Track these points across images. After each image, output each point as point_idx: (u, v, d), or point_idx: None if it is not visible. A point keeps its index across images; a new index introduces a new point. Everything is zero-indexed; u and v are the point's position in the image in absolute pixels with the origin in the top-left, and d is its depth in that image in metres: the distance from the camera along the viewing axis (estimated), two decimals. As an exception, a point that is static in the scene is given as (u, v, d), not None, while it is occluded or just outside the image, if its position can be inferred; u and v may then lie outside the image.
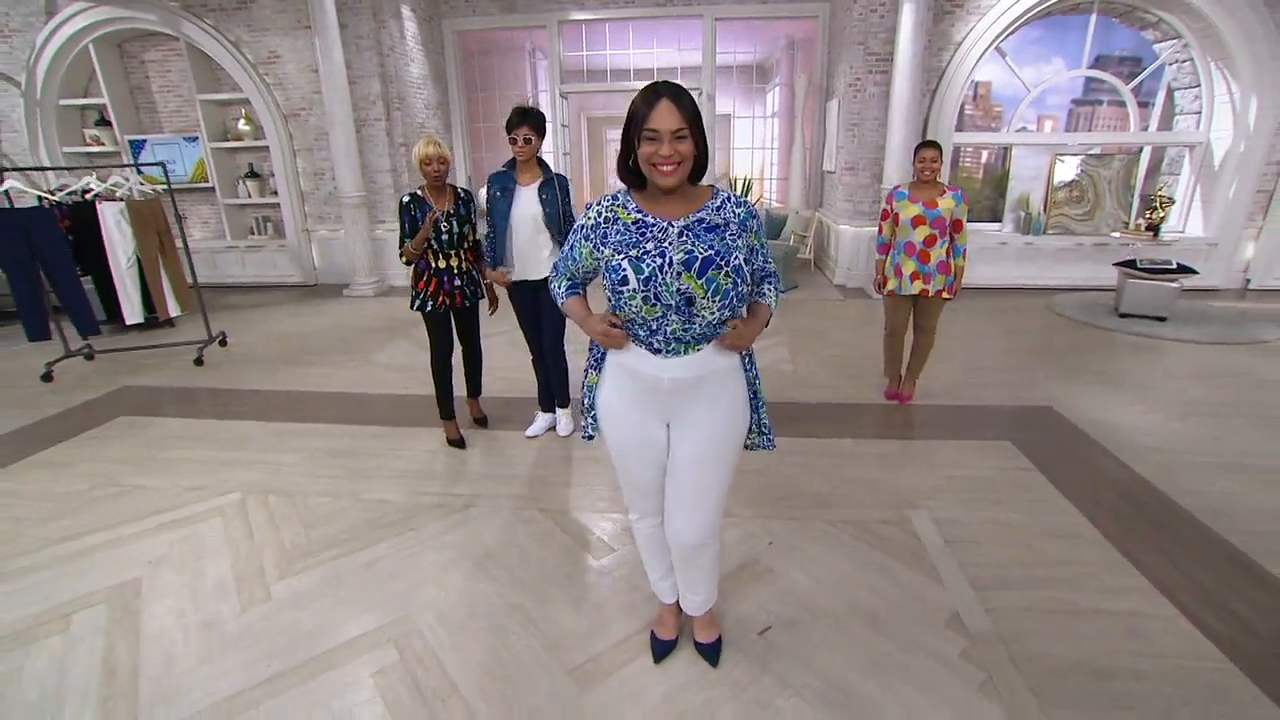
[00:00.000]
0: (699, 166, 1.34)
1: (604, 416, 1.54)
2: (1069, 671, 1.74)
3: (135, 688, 1.78)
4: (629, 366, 1.45)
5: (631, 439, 1.51)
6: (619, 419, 1.51)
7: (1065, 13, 6.04)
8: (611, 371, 1.50)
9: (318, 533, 2.50)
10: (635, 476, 1.58)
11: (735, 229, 1.36)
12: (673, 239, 1.34)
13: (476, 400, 3.43)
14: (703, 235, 1.34)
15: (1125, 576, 2.13)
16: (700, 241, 1.33)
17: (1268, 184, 5.94)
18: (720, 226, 1.35)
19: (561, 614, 2.01)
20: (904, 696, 1.67)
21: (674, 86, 1.28)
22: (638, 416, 1.49)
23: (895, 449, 3.07)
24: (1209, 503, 2.54)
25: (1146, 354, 4.43)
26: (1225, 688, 1.68)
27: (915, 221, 3.31)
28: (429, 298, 2.95)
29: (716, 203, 1.38)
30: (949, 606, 1.99)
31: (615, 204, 1.41)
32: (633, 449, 1.53)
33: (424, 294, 2.95)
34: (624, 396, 1.49)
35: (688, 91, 1.29)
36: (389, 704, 1.70)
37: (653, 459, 1.53)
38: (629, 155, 1.34)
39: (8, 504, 2.74)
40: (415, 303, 2.98)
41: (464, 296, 3.01)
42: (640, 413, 1.48)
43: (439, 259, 2.90)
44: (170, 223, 4.58)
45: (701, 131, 1.30)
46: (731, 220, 1.37)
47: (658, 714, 1.64)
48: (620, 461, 1.58)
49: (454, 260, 2.93)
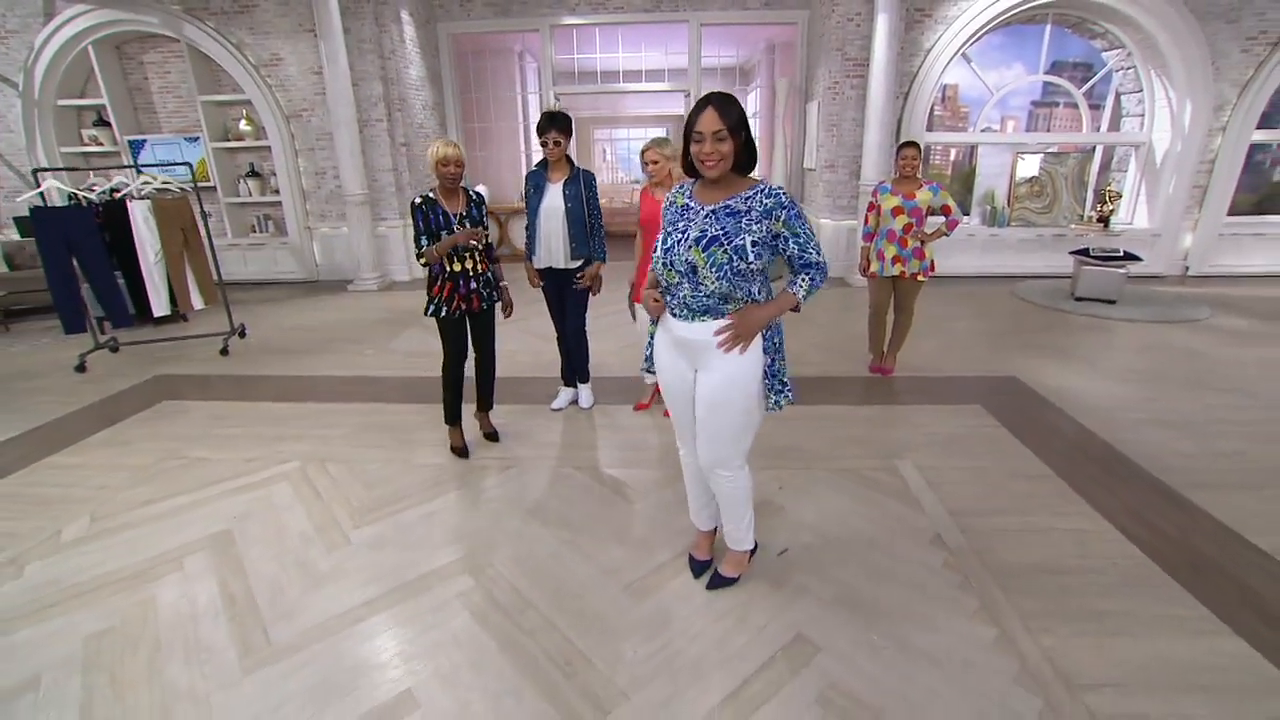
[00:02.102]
0: (744, 162, 1.69)
1: (655, 359, 1.96)
2: (1029, 571, 2.17)
3: (256, 609, 2.09)
4: (666, 325, 1.86)
5: (670, 379, 1.92)
6: (661, 363, 1.93)
7: (1023, 22, 6.57)
8: (660, 328, 1.92)
9: (378, 491, 2.81)
10: (676, 411, 1.98)
11: (755, 215, 1.67)
12: (698, 220, 1.71)
13: (487, 415, 3.26)
14: (722, 219, 1.68)
15: (1073, 504, 2.58)
16: (716, 223, 1.68)
17: (1201, 180, 6.56)
18: (740, 213, 1.68)
19: (609, 546, 2.38)
20: (901, 595, 2.08)
21: (721, 96, 1.63)
22: (672, 362, 1.89)
23: (880, 413, 3.50)
24: (1141, 448, 3.02)
25: (1098, 332, 4.96)
26: (1146, 578, 2.14)
27: (895, 211, 3.75)
28: (444, 303, 2.86)
29: (749, 193, 1.70)
30: (931, 530, 2.41)
31: (680, 192, 1.81)
32: (671, 387, 1.93)
33: (438, 300, 2.86)
34: (664, 347, 1.90)
35: (734, 100, 1.64)
36: (476, 615, 2.04)
37: (685, 395, 1.91)
38: (687, 153, 1.71)
39: (87, 475, 3.00)
40: (430, 309, 2.88)
41: (480, 299, 2.93)
42: (674, 359, 1.89)
43: (454, 262, 2.83)
44: (196, 219, 4.79)
45: (746, 133, 1.65)
46: (755, 208, 1.68)
47: (700, 615, 2.02)
48: (666, 397, 1.98)
49: (469, 263, 2.85)
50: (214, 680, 1.80)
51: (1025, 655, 1.81)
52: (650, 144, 3.07)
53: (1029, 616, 1.96)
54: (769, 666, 1.79)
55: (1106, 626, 1.93)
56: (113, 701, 1.74)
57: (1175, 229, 6.68)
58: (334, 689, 1.76)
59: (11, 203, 7.43)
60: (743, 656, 1.83)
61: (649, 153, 3.06)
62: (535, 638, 1.93)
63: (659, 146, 3.05)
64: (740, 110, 1.64)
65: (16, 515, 2.67)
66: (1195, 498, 2.59)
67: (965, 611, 2.00)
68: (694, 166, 1.70)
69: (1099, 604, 2.02)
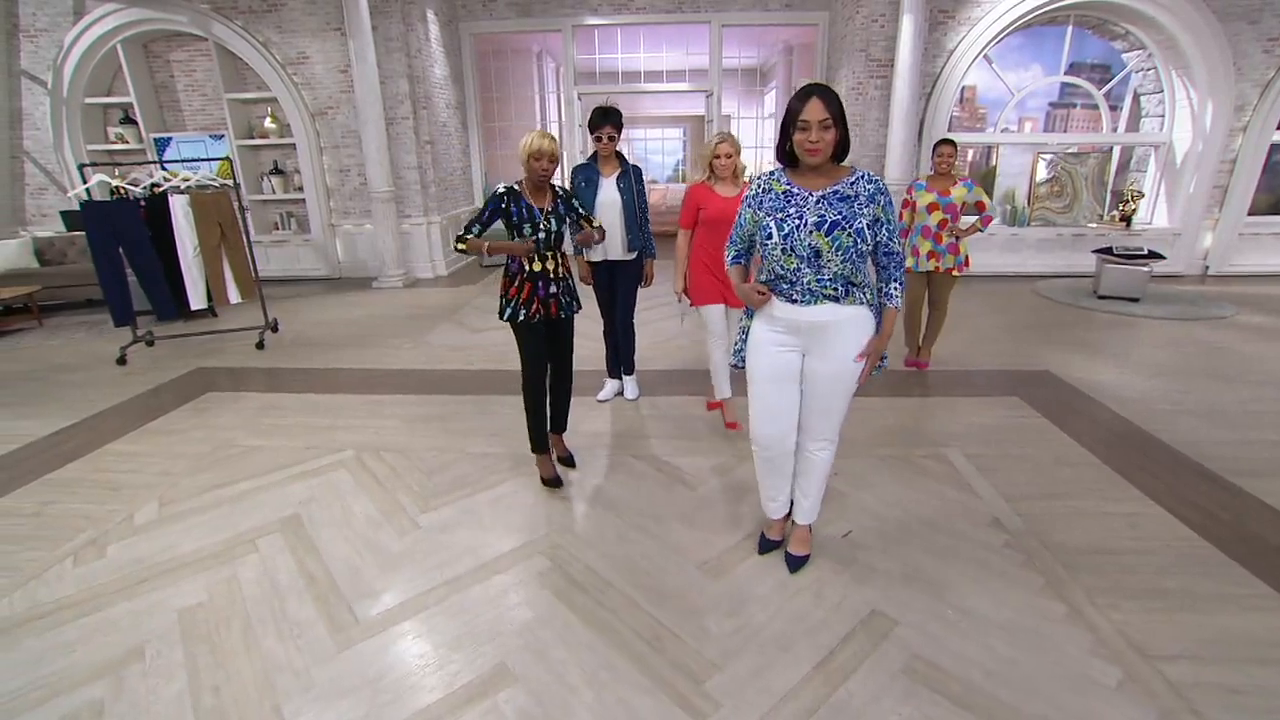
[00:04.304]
0: (841, 150, 1.77)
1: (751, 350, 1.99)
2: (1087, 552, 2.23)
3: (337, 588, 2.15)
4: (776, 314, 1.90)
5: (775, 365, 1.94)
6: (763, 348, 1.95)
7: (1044, 23, 6.65)
8: (763, 317, 1.95)
9: (440, 478, 2.87)
10: (770, 400, 1.99)
11: (864, 200, 1.77)
12: (810, 205, 1.77)
13: (560, 436, 2.95)
14: (835, 204, 1.76)
15: (1121, 490, 2.64)
16: (832, 208, 1.76)
17: (1222, 180, 6.64)
18: (851, 198, 1.77)
19: (677, 529, 2.44)
20: (968, 572, 2.14)
21: (822, 87, 1.71)
22: (778, 348, 1.93)
23: (921, 404, 3.57)
24: (1180, 436, 3.08)
25: (1123, 329, 5.03)
26: (1203, 557, 2.20)
27: (930, 208, 3.81)
28: (521, 305, 2.52)
29: (851, 179, 1.79)
30: (989, 513, 2.48)
31: (771, 179, 1.86)
32: (772, 370, 1.95)
33: (515, 301, 2.53)
34: (772, 333, 1.93)
35: (834, 91, 1.72)
36: (557, 593, 2.09)
37: (791, 380, 1.95)
38: (785, 141, 1.78)
39: (148, 462, 3.06)
40: (506, 311, 2.54)
41: (559, 306, 2.60)
42: (780, 345, 1.93)
43: (534, 261, 2.52)
44: (235, 215, 4.85)
45: (844, 122, 1.73)
46: (861, 194, 1.78)
47: (777, 592, 2.08)
48: (757, 386, 2.00)
49: (550, 264, 2.55)
50: (310, 654, 1.86)
51: (1097, 628, 1.88)
52: (725, 137, 2.92)
53: (1094, 593, 2.02)
54: (851, 639, 1.86)
55: (1170, 603, 1.99)
56: (216, 669, 1.80)
57: (1196, 228, 6.75)
58: (429, 663, 1.82)
59: (38, 200, 7.51)
60: (824, 629, 1.89)
61: (724, 145, 2.88)
62: (619, 615, 1.98)
63: (732, 141, 2.91)
64: (840, 101, 1.72)
65: (90, 499, 2.73)
66: (1239, 483, 2.66)
67: (1032, 588, 2.06)
68: (791, 154, 1.77)
69: (1160, 582, 2.08)
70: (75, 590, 2.15)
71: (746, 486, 2.69)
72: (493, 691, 1.71)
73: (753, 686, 1.70)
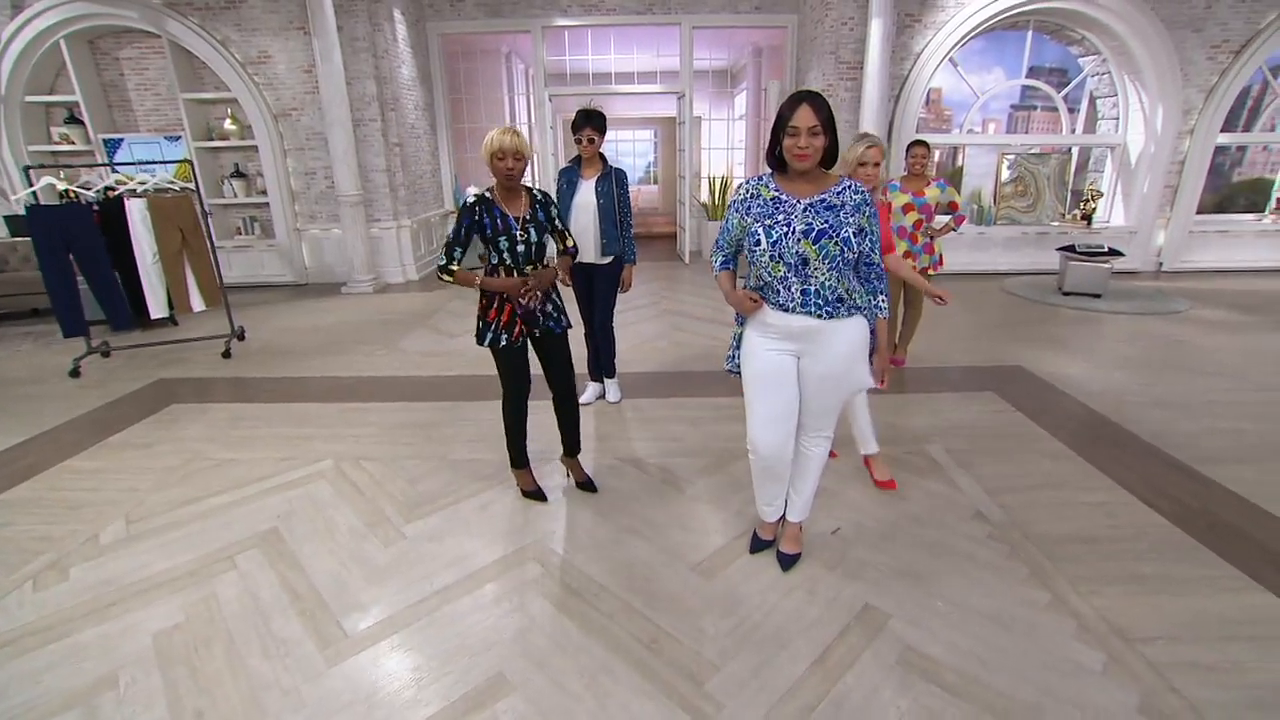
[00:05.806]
0: (829, 157, 1.78)
1: (745, 356, 1.98)
2: (1068, 541, 2.30)
3: (323, 603, 2.08)
4: (769, 321, 1.90)
5: (767, 367, 1.93)
6: (758, 354, 1.94)
7: (1006, 28, 6.86)
8: (755, 324, 1.95)
9: (423, 486, 2.81)
10: (766, 403, 1.97)
11: (849, 209, 1.77)
12: (798, 213, 1.78)
13: (577, 460, 2.72)
14: (821, 212, 1.77)
15: (1096, 480, 2.73)
16: (819, 217, 1.76)
17: (1173, 180, 6.94)
18: (837, 207, 1.78)
19: (669, 530, 2.43)
20: (955, 564, 2.18)
21: (814, 94, 1.72)
22: (773, 353, 1.93)
23: (900, 401, 3.63)
24: (1148, 427, 3.20)
25: (1088, 324, 5.21)
26: (1176, 543, 2.29)
27: (906, 208, 3.89)
28: (502, 330, 2.30)
29: (838, 188, 1.80)
30: (972, 506, 2.53)
31: (759, 184, 1.85)
32: (767, 375, 1.94)
33: (495, 325, 2.30)
34: (765, 338, 1.93)
35: (824, 99, 1.73)
36: (552, 600, 2.06)
37: (784, 382, 1.94)
38: (775, 146, 1.78)
39: (113, 478, 2.92)
40: (487, 337, 2.32)
41: (549, 320, 2.41)
42: (775, 350, 1.92)
43: (514, 275, 2.29)
44: (197, 219, 4.67)
45: (833, 129, 1.74)
46: (847, 203, 1.78)
47: (771, 590, 2.08)
48: (754, 393, 1.99)
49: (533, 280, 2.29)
50: (298, 672, 1.79)
51: (1081, 614, 1.93)
52: (875, 142, 2.48)
53: (1076, 580, 2.09)
54: (847, 634, 1.87)
55: (1148, 587, 2.06)
56: (198, 694, 1.72)
57: (1149, 226, 7.05)
58: (424, 676, 1.77)
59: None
60: (819, 625, 1.91)
61: (874, 151, 2.46)
62: (615, 619, 1.97)
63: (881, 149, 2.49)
64: (830, 109, 1.73)
65: (47, 520, 2.59)
66: (1206, 471, 2.77)
67: (1017, 577, 2.11)
68: (780, 159, 1.78)
69: (1137, 567, 2.16)
70: (37, 616, 2.03)
71: (734, 487, 2.70)
72: (491, 702, 1.68)
73: (753, 685, 1.70)
